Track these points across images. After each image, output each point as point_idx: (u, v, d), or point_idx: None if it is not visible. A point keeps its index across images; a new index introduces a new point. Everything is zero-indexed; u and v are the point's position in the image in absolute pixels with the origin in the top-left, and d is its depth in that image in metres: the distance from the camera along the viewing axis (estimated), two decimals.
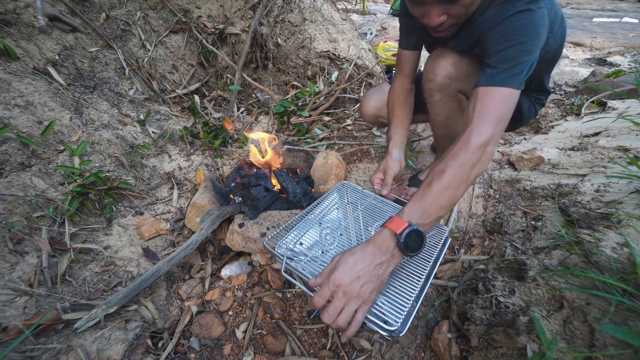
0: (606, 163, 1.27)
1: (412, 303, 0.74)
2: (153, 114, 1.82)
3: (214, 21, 2.23)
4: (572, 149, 1.49)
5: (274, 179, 1.39)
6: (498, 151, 1.65)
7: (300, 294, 1.16)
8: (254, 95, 2.34)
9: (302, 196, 1.32)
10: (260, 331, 1.06)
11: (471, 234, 1.27)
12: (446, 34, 0.90)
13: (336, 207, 1.07)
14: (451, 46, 1.02)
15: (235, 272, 1.24)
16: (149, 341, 1.01)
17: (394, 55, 2.93)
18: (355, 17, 5.28)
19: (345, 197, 1.10)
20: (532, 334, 0.78)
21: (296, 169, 1.60)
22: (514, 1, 0.79)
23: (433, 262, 0.86)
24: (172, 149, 1.75)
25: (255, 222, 1.18)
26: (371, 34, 3.74)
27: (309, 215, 1.02)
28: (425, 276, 0.81)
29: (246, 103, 2.31)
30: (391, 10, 5.82)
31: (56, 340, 0.92)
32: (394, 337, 0.69)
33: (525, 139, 1.84)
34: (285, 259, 0.83)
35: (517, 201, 1.28)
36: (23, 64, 1.44)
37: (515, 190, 1.34)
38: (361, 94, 2.24)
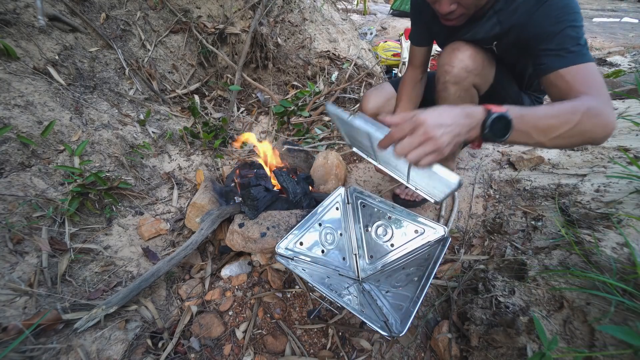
0: (606, 163, 1.27)
1: (412, 303, 0.74)
2: (153, 114, 1.82)
3: (214, 21, 2.23)
4: (572, 148, 1.49)
5: (274, 179, 1.39)
6: (498, 151, 1.65)
7: (300, 294, 1.16)
8: (254, 95, 2.34)
9: (302, 196, 1.32)
10: (260, 331, 1.06)
11: (471, 234, 1.27)
12: (455, 23, 0.93)
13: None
14: (466, 39, 1.02)
15: (235, 272, 1.24)
16: (149, 341, 1.01)
17: (394, 55, 2.94)
18: (355, 17, 5.29)
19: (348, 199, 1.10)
20: (532, 334, 0.78)
21: (296, 168, 1.60)
22: None
23: (433, 262, 0.86)
24: (172, 149, 1.75)
25: (255, 222, 1.18)
26: (371, 34, 3.74)
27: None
28: (425, 276, 0.81)
29: (246, 103, 2.31)
30: (391, 10, 5.83)
31: (56, 340, 0.92)
32: (394, 337, 0.69)
33: None
34: None
35: (517, 201, 1.28)
36: (23, 64, 1.44)
37: (515, 190, 1.34)
38: (361, 94, 2.24)
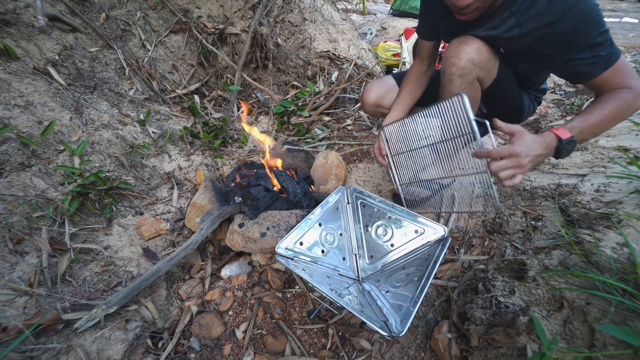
0: (606, 163, 1.27)
1: (412, 303, 0.74)
2: (153, 114, 1.82)
3: (214, 21, 2.23)
4: None
5: (274, 179, 1.39)
6: None
7: (300, 294, 1.16)
8: (254, 95, 2.34)
9: (302, 196, 1.32)
10: (260, 331, 1.06)
11: (471, 234, 1.27)
12: (469, 18, 0.93)
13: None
14: (479, 35, 1.02)
15: (235, 272, 1.24)
16: (149, 341, 1.01)
17: (394, 55, 2.93)
18: (355, 17, 5.29)
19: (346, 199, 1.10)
20: (532, 334, 0.78)
21: (296, 168, 1.60)
22: None
23: (433, 262, 0.86)
24: (172, 149, 1.75)
25: (255, 222, 1.18)
26: (371, 34, 3.74)
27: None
28: (425, 276, 0.81)
29: (246, 103, 2.31)
30: (391, 10, 5.82)
31: (56, 340, 0.92)
32: (394, 337, 0.69)
33: None
34: None
35: (517, 201, 1.28)
36: (23, 64, 1.44)
37: (515, 190, 1.34)
38: (361, 94, 2.24)
